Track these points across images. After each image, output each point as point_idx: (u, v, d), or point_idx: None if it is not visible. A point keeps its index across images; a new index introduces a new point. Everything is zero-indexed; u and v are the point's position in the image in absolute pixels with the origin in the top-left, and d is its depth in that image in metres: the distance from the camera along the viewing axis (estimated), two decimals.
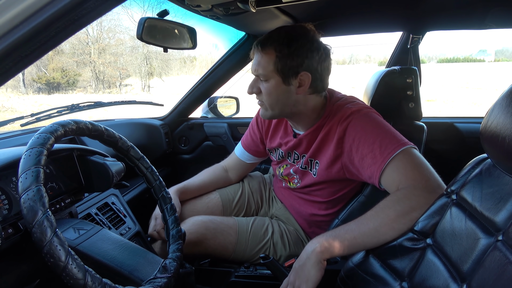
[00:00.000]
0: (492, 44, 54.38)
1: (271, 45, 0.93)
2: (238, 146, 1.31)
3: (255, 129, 1.25)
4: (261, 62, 0.95)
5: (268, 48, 0.93)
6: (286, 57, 0.93)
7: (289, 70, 0.94)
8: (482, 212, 0.58)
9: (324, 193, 1.08)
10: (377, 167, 0.86)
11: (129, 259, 0.72)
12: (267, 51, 0.94)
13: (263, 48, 0.94)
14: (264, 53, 0.94)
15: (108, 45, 17.37)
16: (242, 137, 1.31)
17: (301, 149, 1.07)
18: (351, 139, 0.93)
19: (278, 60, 0.93)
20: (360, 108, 0.96)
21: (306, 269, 0.78)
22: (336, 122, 0.97)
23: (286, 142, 1.11)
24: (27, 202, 0.53)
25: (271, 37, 0.94)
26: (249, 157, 1.29)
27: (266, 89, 0.97)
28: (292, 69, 0.93)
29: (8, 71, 0.44)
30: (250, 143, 1.27)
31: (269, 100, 0.98)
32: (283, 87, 0.96)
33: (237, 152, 1.31)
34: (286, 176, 1.17)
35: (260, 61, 0.95)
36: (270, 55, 0.93)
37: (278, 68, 0.94)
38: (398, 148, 0.85)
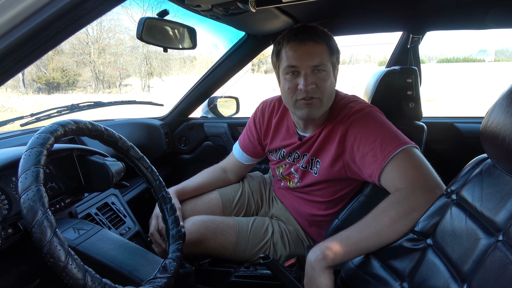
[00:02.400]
0: (492, 44, 54.39)
1: (321, 35, 0.93)
2: (236, 147, 1.30)
3: (252, 130, 1.23)
4: (320, 52, 0.92)
5: (320, 38, 0.92)
6: (335, 50, 0.96)
7: (335, 63, 0.97)
8: (483, 212, 0.58)
9: (324, 193, 1.08)
10: (377, 165, 0.86)
11: (129, 259, 0.72)
12: (319, 41, 0.92)
13: (315, 38, 0.92)
14: (318, 43, 0.92)
15: (108, 45, 17.37)
16: (240, 138, 1.30)
17: (303, 149, 1.07)
18: (353, 138, 0.93)
19: (330, 50, 0.94)
20: (362, 107, 0.97)
21: (315, 280, 0.77)
22: (339, 121, 0.97)
23: (290, 144, 1.10)
24: (27, 202, 0.53)
25: (316, 29, 0.94)
26: (248, 158, 1.28)
27: (325, 80, 0.93)
28: (336, 60, 0.97)
29: (8, 71, 0.44)
30: (248, 145, 1.26)
31: (328, 92, 0.95)
32: (332, 79, 0.97)
33: (236, 154, 1.30)
34: (286, 176, 1.16)
35: (319, 51, 0.92)
36: (323, 44, 0.93)
37: (332, 59, 0.95)
38: (398, 147, 0.85)
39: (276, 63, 1.00)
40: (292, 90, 0.95)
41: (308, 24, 0.98)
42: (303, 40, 0.91)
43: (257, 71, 19.39)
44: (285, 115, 1.13)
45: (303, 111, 0.96)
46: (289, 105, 1.01)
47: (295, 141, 1.08)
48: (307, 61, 0.91)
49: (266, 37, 1.50)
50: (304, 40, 0.91)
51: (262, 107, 1.20)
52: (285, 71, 0.95)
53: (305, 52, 0.91)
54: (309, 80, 0.91)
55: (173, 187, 1.18)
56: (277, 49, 0.98)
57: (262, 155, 1.28)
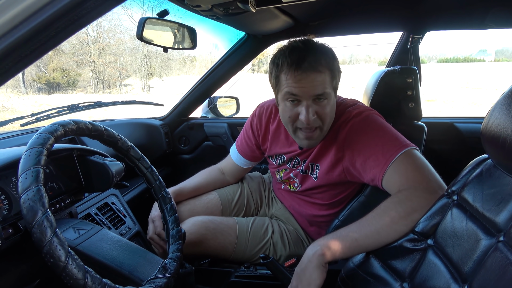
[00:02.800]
0: (492, 44, 54.38)
1: (323, 62, 0.87)
2: (234, 151, 1.28)
3: (250, 135, 1.20)
4: (322, 81, 0.87)
5: (322, 66, 0.87)
6: (337, 71, 0.92)
7: (337, 84, 0.94)
8: (483, 213, 0.58)
9: (325, 196, 1.08)
10: (379, 169, 0.86)
11: (129, 259, 0.72)
12: (321, 70, 0.87)
13: (317, 66, 0.86)
14: (320, 72, 0.86)
15: (108, 45, 17.38)
16: (237, 141, 1.27)
17: (304, 155, 1.07)
18: (353, 143, 0.92)
19: (333, 76, 0.90)
20: (361, 111, 0.96)
21: (308, 273, 0.77)
22: (338, 126, 0.97)
23: (291, 151, 1.09)
24: (27, 202, 0.53)
25: (318, 53, 0.88)
26: (246, 162, 1.26)
27: (326, 109, 0.90)
28: (338, 82, 0.94)
29: (8, 71, 0.44)
30: (246, 149, 1.23)
31: (328, 120, 0.92)
32: (334, 102, 0.93)
33: (233, 157, 1.28)
34: (286, 180, 1.16)
35: (321, 80, 0.87)
36: (325, 72, 0.88)
37: (334, 83, 0.91)
38: (400, 150, 0.85)
39: (275, 87, 0.95)
40: (292, 119, 0.92)
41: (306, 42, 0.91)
42: (305, 71, 0.85)
43: (257, 71, 19.37)
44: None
45: (303, 141, 0.95)
46: (289, 131, 0.98)
47: (295, 149, 1.07)
48: (309, 91, 0.87)
49: (266, 37, 1.50)
50: (306, 71, 0.85)
51: (259, 112, 1.17)
52: (285, 97, 0.91)
53: (307, 83, 0.86)
54: (311, 111, 0.88)
55: (170, 188, 1.17)
56: (276, 72, 0.91)
57: (261, 158, 1.27)
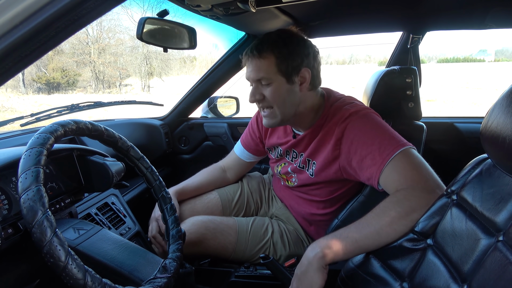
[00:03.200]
0: (492, 44, 54.38)
1: (268, 48, 0.94)
2: (238, 145, 1.32)
3: (254, 128, 1.25)
4: (261, 66, 0.95)
5: (266, 52, 0.94)
6: (287, 57, 0.94)
7: (292, 69, 0.95)
8: (483, 213, 0.58)
9: (321, 192, 1.08)
10: (376, 168, 0.86)
11: (129, 259, 0.72)
12: (265, 56, 0.94)
13: (260, 53, 0.94)
14: (262, 58, 0.94)
15: (108, 45, 17.37)
16: (242, 136, 1.31)
17: (300, 147, 1.08)
18: (350, 141, 0.92)
19: (279, 61, 0.94)
20: (358, 109, 0.96)
21: (309, 276, 0.77)
22: (335, 124, 0.97)
23: (286, 142, 1.12)
24: (27, 202, 0.53)
25: (264, 42, 0.95)
26: (249, 156, 1.29)
27: (271, 92, 0.96)
28: (294, 67, 0.95)
29: (8, 71, 0.44)
30: (250, 142, 1.27)
31: (277, 103, 0.97)
32: (287, 87, 0.96)
33: (237, 151, 1.31)
34: (284, 175, 1.17)
35: (260, 65, 0.95)
36: (269, 58, 0.94)
37: (281, 69, 0.94)
38: (397, 149, 0.84)
39: None
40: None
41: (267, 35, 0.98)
42: (248, 58, 0.97)
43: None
44: None
45: (263, 120, 1.05)
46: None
47: (290, 139, 1.10)
48: (250, 75, 0.98)
49: None
50: (249, 57, 0.96)
51: None
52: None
53: (250, 67, 0.97)
54: (253, 92, 0.99)
55: (172, 188, 1.18)
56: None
57: (263, 153, 1.29)
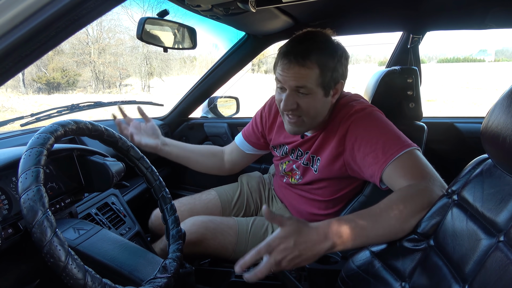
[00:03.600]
0: (492, 44, 54.39)
1: (314, 58, 0.87)
2: (239, 135, 1.30)
3: (258, 122, 1.23)
4: (304, 76, 0.88)
5: (311, 62, 0.87)
6: (331, 70, 0.89)
7: (332, 83, 0.91)
8: (483, 213, 0.58)
9: (324, 192, 1.08)
10: (378, 166, 0.85)
11: (129, 259, 0.72)
12: (309, 65, 0.87)
13: (304, 61, 0.87)
14: (306, 67, 0.87)
15: (108, 45, 17.37)
16: (244, 128, 1.30)
17: (305, 146, 1.07)
18: (354, 138, 0.92)
19: (323, 74, 0.89)
20: (363, 107, 0.96)
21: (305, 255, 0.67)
22: (339, 120, 0.97)
23: (293, 141, 1.11)
24: (27, 202, 0.53)
25: (311, 49, 0.88)
26: (247, 147, 1.27)
27: (308, 103, 0.91)
28: (334, 80, 0.91)
29: (8, 71, 0.44)
30: (251, 134, 1.25)
31: (310, 114, 0.93)
32: (323, 99, 0.93)
33: (237, 141, 1.30)
34: (289, 172, 1.16)
35: (303, 74, 0.88)
36: (314, 69, 0.87)
37: (323, 81, 0.89)
38: (401, 150, 0.84)
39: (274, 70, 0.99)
40: (278, 102, 0.96)
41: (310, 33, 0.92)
42: (290, 62, 0.88)
43: (257, 71, 19.39)
44: None
45: (287, 126, 0.99)
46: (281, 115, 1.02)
47: (297, 139, 1.09)
48: (288, 81, 0.90)
49: (266, 37, 1.50)
50: (291, 62, 0.88)
51: (270, 103, 1.20)
52: (276, 81, 0.96)
53: (290, 74, 0.89)
54: (290, 100, 0.91)
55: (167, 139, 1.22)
56: (277, 58, 0.95)
57: (262, 148, 1.27)
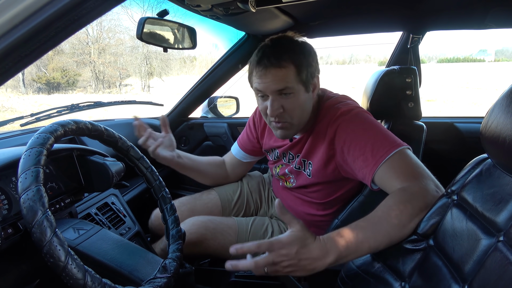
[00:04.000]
0: (492, 44, 54.41)
1: (286, 56, 0.89)
2: (234, 145, 1.30)
3: (251, 128, 1.24)
4: (283, 76, 0.89)
5: (285, 61, 0.89)
6: (305, 65, 0.91)
7: (309, 77, 0.92)
8: (483, 213, 0.58)
9: (319, 194, 1.07)
10: (369, 169, 0.84)
11: (129, 259, 0.72)
12: (284, 65, 0.89)
13: (279, 62, 0.89)
14: (282, 67, 0.89)
15: (108, 45, 17.37)
16: (239, 137, 1.30)
17: (296, 149, 1.07)
18: (342, 141, 0.91)
19: (299, 70, 0.90)
20: (350, 109, 0.94)
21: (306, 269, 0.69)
22: (326, 123, 0.95)
23: (283, 145, 1.11)
24: (27, 202, 0.53)
25: (281, 49, 0.90)
26: (245, 156, 1.28)
27: (293, 103, 0.92)
28: (311, 75, 0.93)
29: (8, 71, 0.44)
30: (247, 142, 1.26)
31: (297, 114, 0.94)
32: (306, 96, 0.94)
33: (233, 151, 1.30)
34: (282, 176, 1.16)
35: (282, 75, 0.89)
36: (289, 67, 0.89)
37: (301, 78, 0.91)
38: (391, 150, 0.82)
39: (250, 83, 0.99)
40: (264, 112, 0.96)
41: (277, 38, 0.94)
42: (266, 67, 0.89)
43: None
44: None
45: (277, 132, 0.98)
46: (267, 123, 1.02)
47: (286, 143, 1.09)
48: (270, 87, 0.90)
49: (266, 37, 1.49)
50: (266, 67, 0.89)
51: None
52: (255, 93, 0.96)
53: (269, 79, 0.90)
54: (275, 105, 0.91)
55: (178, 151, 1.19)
56: (250, 70, 0.97)
57: (259, 154, 1.28)
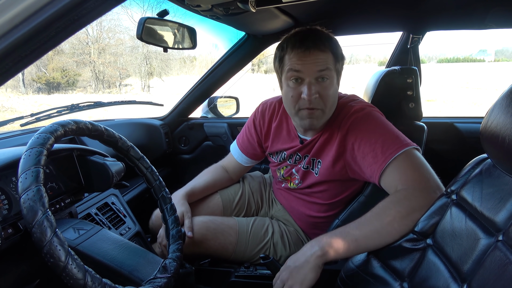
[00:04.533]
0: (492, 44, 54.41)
1: (326, 42, 0.90)
2: (235, 149, 1.27)
3: (252, 132, 1.21)
4: (325, 59, 0.90)
5: (324, 46, 0.90)
6: (340, 57, 0.95)
7: (340, 69, 0.96)
8: (482, 212, 0.58)
9: (324, 195, 1.07)
10: (378, 166, 0.86)
11: (129, 259, 0.72)
12: (324, 49, 0.90)
13: (320, 46, 0.89)
14: (322, 50, 0.90)
15: (108, 45, 17.37)
16: (238, 139, 1.27)
17: (304, 151, 1.07)
18: (354, 138, 0.92)
19: (336, 59, 0.93)
20: (362, 107, 0.96)
21: (303, 272, 0.77)
22: (339, 121, 0.96)
23: (292, 147, 1.09)
24: (27, 202, 0.53)
25: (323, 36, 0.91)
26: (247, 160, 1.26)
27: (329, 89, 0.92)
28: (341, 67, 0.96)
29: (8, 71, 0.44)
30: (248, 146, 1.24)
31: (330, 102, 0.93)
32: (336, 88, 0.96)
33: (235, 155, 1.27)
34: (288, 177, 1.16)
35: (324, 58, 0.90)
36: (328, 52, 0.91)
37: (337, 67, 0.94)
38: (400, 149, 0.84)
39: (278, 69, 0.98)
40: (295, 99, 0.93)
41: (312, 28, 0.95)
42: (308, 48, 0.88)
43: (257, 71, 19.41)
44: (285, 118, 1.11)
45: (305, 121, 0.95)
46: (291, 113, 0.99)
47: (296, 144, 1.07)
48: (311, 68, 0.89)
49: (266, 37, 1.50)
50: (309, 48, 0.88)
51: (262, 109, 1.18)
52: (289, 76, 0.92)
53: (310, 59, 0.89)
54: (313, 89, 0.89)
55: (181, 190, 1.14)
56: (281, 54, 0.95)
57: (262, 157, 1.27)
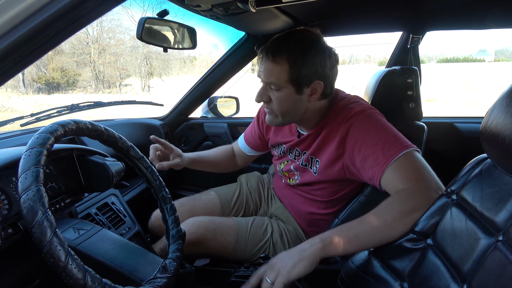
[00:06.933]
0: (492, 44, 54.43)
1: (283, 54, 0.89)
2: (241, 138, 1.35)
3: (255, 125, 1.27)
4: (273, 71, 0.91)
5: (280, 58, 0.89)
6: (301, 67, 0.90)
7: (303, 80, 0.91)
8: (482, 212, 0.58)
9: (324, 193, 1.08)
10: (379, 168, 0.85)
11: (129, 259, 0.72)
12: (279, 61, 0.90)
13: (274, 57, 0.90)
14: (276, 62, 0.90)
15: (108, 45, 17.37)
16: (246, 129, 1.34)
17: (303, 146, 1.07)
18: (354, 140, 0.92)
19: (292, 71, 0.90)
20: (363, 109, 0.96)
21: (295, 259, 0.74)
22: (339, 122, 0.97)
23: (290, 140, 1.12)
24: (27, 202, 0.53)
25: (282, 46, 0.90)
26: (249, 150, 1.33)
27: (277, 99, 0.94)
28: (306, 78, 0.91)
29: (8, 71, 0.44)
30: (250, 138, 1.30)
31: (280, 109, 0.96)
32: (296, 97, 0.94)
33: (240, 144, 1.34)
34: (286, 172, 1.17)
35: (272, 70, 0.91)
36: (283, 65, 0.90)
37: (292, 78, 0.90)
38: (401, 150, 0.84)
39: None
40: None
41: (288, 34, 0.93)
42: (263, 58, 0.93)
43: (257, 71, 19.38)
44: None
45: (266, 116, 1.04)
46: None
47: (294, 138, 1.10)
48: (262, 76, 0.95)
49: (266, 37, 1.50)
50: (263, 58, 0.93)
51: None
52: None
53: (262, 68, 0.94)
54: (261, 92, 0.97)
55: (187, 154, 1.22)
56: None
57: (263, 149, 1.32)
